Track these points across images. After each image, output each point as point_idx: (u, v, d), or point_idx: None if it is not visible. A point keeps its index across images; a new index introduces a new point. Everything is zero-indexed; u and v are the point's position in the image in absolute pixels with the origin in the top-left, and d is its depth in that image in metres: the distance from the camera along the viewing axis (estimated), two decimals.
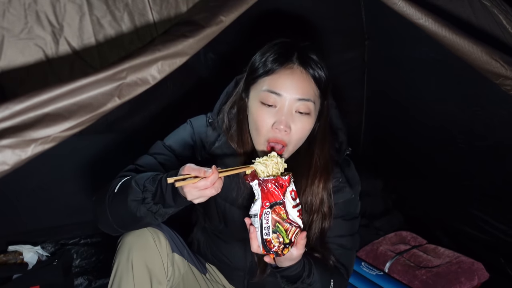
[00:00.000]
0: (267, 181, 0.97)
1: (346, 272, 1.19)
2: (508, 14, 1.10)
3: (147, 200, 0.96)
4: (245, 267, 1.24)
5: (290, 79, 1.02)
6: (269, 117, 1.03)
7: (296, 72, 1.03)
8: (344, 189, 1.19)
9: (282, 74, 1.02)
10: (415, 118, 1.88)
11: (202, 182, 0.88)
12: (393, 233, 2.05)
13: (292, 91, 1.02)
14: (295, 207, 0.99)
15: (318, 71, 1.05)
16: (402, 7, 0.95)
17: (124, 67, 0.77)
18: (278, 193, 0.97)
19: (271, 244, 0.96)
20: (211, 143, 1.17)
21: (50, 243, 1.88)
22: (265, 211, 0.96)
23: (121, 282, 1.02)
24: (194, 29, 0.83)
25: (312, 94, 1.04)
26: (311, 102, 1.04)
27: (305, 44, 1.08)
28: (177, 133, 1.20)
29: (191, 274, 1.19)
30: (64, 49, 0.87)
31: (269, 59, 1.04)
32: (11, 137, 0.69)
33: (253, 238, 0.99)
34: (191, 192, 0.89)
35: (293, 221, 0.97)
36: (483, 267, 1.72)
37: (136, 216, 0.97)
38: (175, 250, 1.13)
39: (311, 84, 1.04)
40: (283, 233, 0.96)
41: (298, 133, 1.05)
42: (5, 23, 0.82)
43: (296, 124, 1.04)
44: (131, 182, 0.99)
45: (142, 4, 0.92)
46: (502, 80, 1.03)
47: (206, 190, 0.89)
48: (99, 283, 1.79)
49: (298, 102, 1.02)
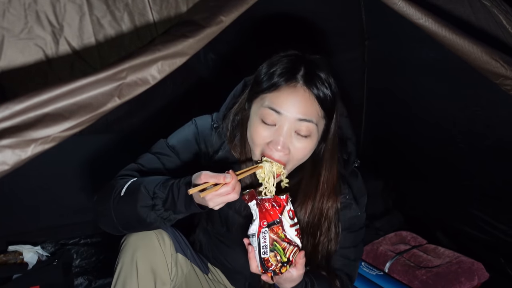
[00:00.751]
0: (264, 201, 0.97)
1: (350, 282, 1.19)
2: (508, 14, 1.10)
3: (158, 207, 0.95)
4: (247, 272, 1.23)
5: (292, 97, 0.97)
6: (267, 134, 1.00)
7: (299, 91, 0.97)
8: (351, 206, 1.17)
9: (284, 92, 0.97)
10: (415, 118, 1.88)
11: (224, 189, 0.88)
12: (393, 233, 2.05)
13: (293, 110, 0.97)
14: (293, 226, 0.99)
15: (324, 90, 0.98)
16: (402, 7, 0.95)
17: (124, 67, 0.77)
18: (276, 212, 0.97)
19: (269, 263, 0.96)
20: (215, 151, 1.15)
21: (50, 243, 1.88)
22: (262, 231, 0.97)
23: (125, 282, 1.02)
24: (194, 29, 0.83)
25: (314, 115, 0.99)
26: (313, 124, 0.99)
27: (313, 58, 1.03)
28: (181, 133, 1.17)
29: (193, 274, 1.19)
30: (64, 49, 0.87)
31: (274, 73, 0.99)
32: (11, 137, 0.69)
33: (251, 258, 0.99)
34: (214, 200, 0.89)
35: (291, 240, 0.98)
36: (483, 267, 1.72)
37: (145, 222, 0.97)
38: (179, 250, 1.13)
39: (314, 104, 0.98)
40: (281, 252, 0.96)
41: (298, 155, 1.01)
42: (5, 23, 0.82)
43: (295, 145, 1.00)
44: (140, 187, 0.97)
45: (142, 4, 0.92)
46: (502, 80, 1.03)
47: (229, 196, 0.89)
48: (99, 283, 1.79)
49: (298, 122, 0.97)
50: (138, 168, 1.11)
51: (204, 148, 1.16)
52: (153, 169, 1.10)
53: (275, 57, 1.04)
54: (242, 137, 1.11)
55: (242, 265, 1.22)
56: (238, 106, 1.13)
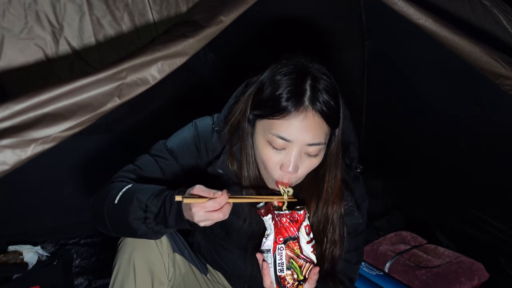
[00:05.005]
0: (281, 216, 0.94)
1: (351, 285, 1.19)
2: (508, 14, 1.10)
3: (149, 221, 0.94)
4: (245, 275, 1.23)
5: (302, 125, 0.94)
6: (277, 158, 0.98)
7: (308, 116, 0.94)
8: (353, 213, 1.15)
9: (293, 120, 0.94)
10: (415, 117, 1.88)
11: (210, 203, 0.86)
12: (393, 233, 2.05)
13: (303, 137, 0.95)
14: (309, 242, 0.96)
15: (330, 106, 0.96)
16: (402, 7, 0.95)
17: (124, 67, 0.77)
18: (293, 228, 0.94)
19: (285, 281, 0.93)
20: (216, 156, 1.12)
21: (50, 243, 1.88)
22: (278, 247, 0.93)
23: (123, 283, 1.02)
24: (194, 29, 0.83)
25: (323, 137, 0.98)
26: (322, 145, 0.98)
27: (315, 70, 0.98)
28: (180, 135, 1.15)
29: (191, 274, 1.18)
30: (64, 49, 0.87)
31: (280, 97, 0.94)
32: (11, 137, 0.69)
33: (265, 274, 0.96)
34: (199, 213, 0.87)
35: (307, 257, 0.95)
36: (483, 267, 1.72)
37: (136, 234, 0.96)
38: (176, 250, 1.12)
39: (322, 125, 0.96)
40: (297, 270, 0.93)
41: (305, 171, 1.00)
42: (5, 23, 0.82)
43: (304, 163, 0.99)
44: (133, 198, 0.95)
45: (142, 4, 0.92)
46: (502, 80, 1.03)
47: (213, 213, 0.87)
48: (99, 283, 1.79)
49: (308, 147, 0.96)
50: (135, 170, 1.09)
51: (204, 152, 1.13)
52: (150, 172, 1.09)
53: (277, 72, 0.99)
54: (244, 150, 1.07)
55: (241, 269, 1.22)
56: (240, 113, 1.08)
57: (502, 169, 1.61)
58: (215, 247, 1.26)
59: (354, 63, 1.94)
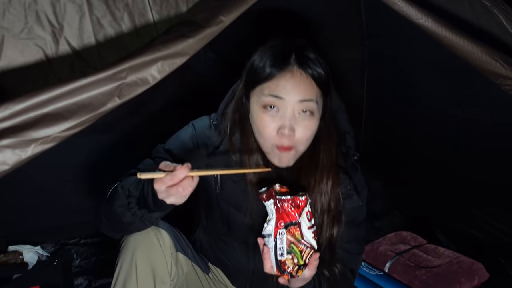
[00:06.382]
0: (283, 201, 0.95)
1: (353, 276, 1.19)
2: (508, 14, 1.10)
3: (131, 205, 0.95)
4: (248, 271, 1.23)
5: (291, 82, 1.00)
6: (273, 122, 1.02)
7: (296, 74, 1.01)
8: (352, 196, 1.17)
9: (282, 78, 1.00)
10: (415, 117, 1.88)
11: (168, 178, 0.84)
12: (393, 233, 2.05)
13: (294, 94, 1.00)
14: (310, 228, 0.97)
15: (317, 69, 1.03)
16: (402, 7, 0.95)
17: (124, 67, 0.77)
18: (294, 214, 0.94)
19: (286, 265, 0.94)
20: (215, 147, 1.14)
21: (50, 243, 1.87)
22: (279, 231, 0.94)
23: (125, 282, 1.02)
24: (194, 29, 0.83)
25: (314, 94, 1.03)
26: (313, 102, 1.02)
27: (299, 41, 1.06)
28: (177, 136, 1.18)
29: (194, 273, 1.18)
30: (64, 49, 0.87)
31: (267, 63, 1.02)
32: (11, 137, 0.69)
33: (266, 258, 0.97)
34: (160, 189, 0.86)
35: (308, 242, 0.96)
36: (483, 267, 1.72)
37: (122, 222, 0.97)
38: (179, 250, 1.12)
39: (312, 84, 1.02)
40: (298, 255, 0.94)
41: (303, 134, 1.03)
42: (5, 23, 0.82)
43: (300, 125, 1.02)
44: (117, 187, 0.98)
45: (142, 4, 0.92)
46: (502, 80, 1.03)
47: (172, 188, 0.85)
48: (99, 283, 1.79)
49: (300, 103, 1.01)
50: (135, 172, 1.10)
51: (203, 147, 1.15)
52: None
53: (262, 48, 1.06)
54: (242, 132, 1.11)
55: (242, 264, 1.22)
56: (235, 103, 1.13)
57: (502, 169, 1.61)
58: (217, 243, 1.26)
59: (354, 63, 1.94)
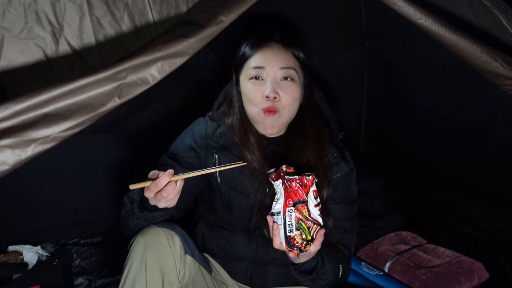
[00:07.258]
0: (291, 180, 1.01)
1: (349, 253, 1.26)
2: (508, 14, 1.10)
3: (134, 210, 1.09)
4: (250, 256, 1.25)
5: (271, 53, 1.16)
6: (259, 89, 1.14)
7: (274, 48, 1.17)
8: (340, 163, 1.26)
9: (263, 51, 1.16)
10: (415, 117, 1.88)
11: (152, 186, 0.93)
12: (393, 233, 2.05)
13: (274, 62, 1.15)
14: (317, 206, 1.03)
15: (296, 49, 1.18)
16: (402, 7, 0.95)
17: (124, 67, 0.77)
18: (302, 192, 1.01)
19: (295, 241, 1.00)
20: (211, 132, 1.24)
21: (50, 243, 1.87)
22: (288, 209, 1.01)
23: (134, 282, 1.03)
24: (194, 29, 0.83)
25: (292, 63, 1.17)
26: (293, 70, 1.16)
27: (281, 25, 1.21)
28: (178, 140, 1.27)
29: (200, 275, 1.20)
30: (64, 49, 0.87)
31: (249, 44, 1.18)
32: (11, 137, 0.69)
33: (275, 234, 1.02)
34: (149, 196, 0.96)
35: (315, 219, 1.02)
36: (483, 267, 1.72)
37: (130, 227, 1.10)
38: (188, 252, 1.14)
39: (291, 56, 1.17)
40: (306, 230, 1.00)
41: (287, 98, 1.15)
42: (5, 23, 0.82)
43: (283, 90, 1.15)
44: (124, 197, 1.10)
45: (142, 4, 0.92)
46: (502, 80, 1.03)
47: (158, 194, 0.94)
48: (99, 283, 1.79)
49: (281, 70, 1.15)
50: None
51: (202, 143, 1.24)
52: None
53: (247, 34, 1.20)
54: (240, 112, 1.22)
55: (244, 248, 1.26)
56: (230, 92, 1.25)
57: (503, 169, 1.61)
58: (220, 232, 1.29)
59: (354, 63, 1.94)
